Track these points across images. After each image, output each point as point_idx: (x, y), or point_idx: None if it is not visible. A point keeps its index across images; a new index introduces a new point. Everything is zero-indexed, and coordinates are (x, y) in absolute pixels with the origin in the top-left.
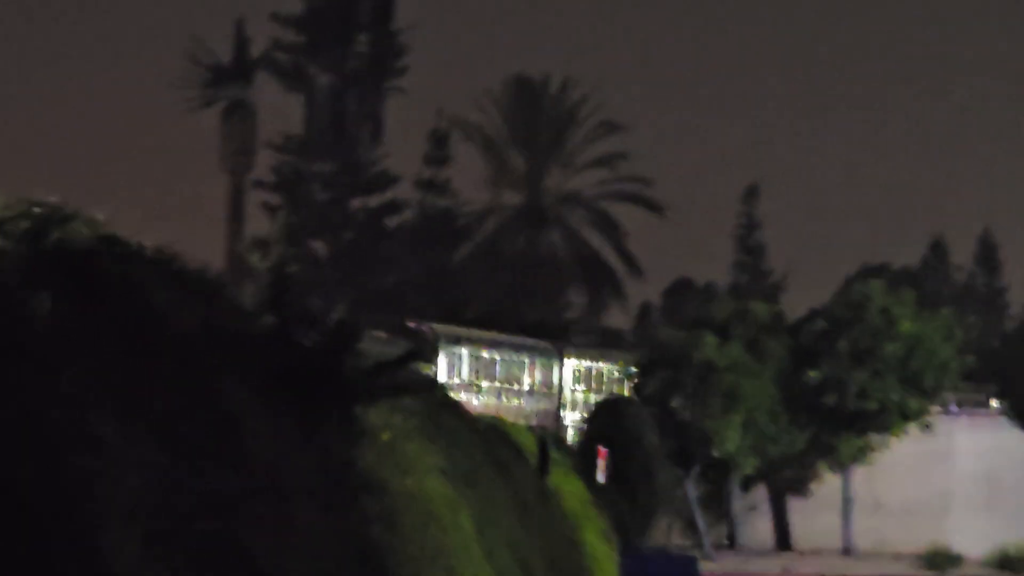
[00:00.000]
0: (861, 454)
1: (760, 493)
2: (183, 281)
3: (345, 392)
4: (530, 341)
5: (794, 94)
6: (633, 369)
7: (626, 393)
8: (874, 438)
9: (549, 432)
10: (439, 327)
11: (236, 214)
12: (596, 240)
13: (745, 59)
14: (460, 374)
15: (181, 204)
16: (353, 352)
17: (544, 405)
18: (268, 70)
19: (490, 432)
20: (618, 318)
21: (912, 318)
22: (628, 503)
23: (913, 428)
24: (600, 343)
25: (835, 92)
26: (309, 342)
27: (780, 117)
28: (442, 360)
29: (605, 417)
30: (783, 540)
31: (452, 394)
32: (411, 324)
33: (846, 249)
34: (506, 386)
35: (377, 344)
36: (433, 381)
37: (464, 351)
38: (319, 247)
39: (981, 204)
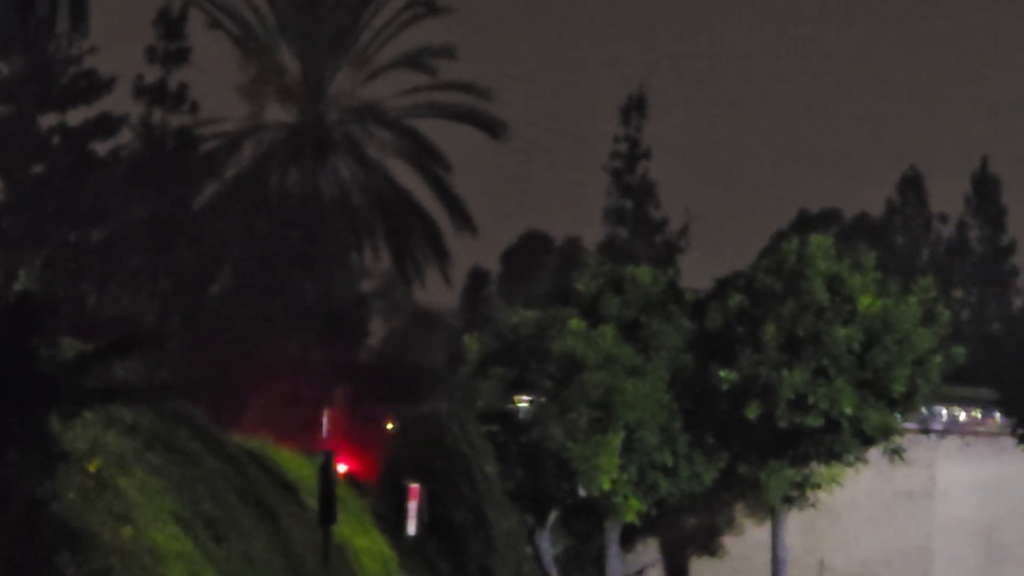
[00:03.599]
0: (798, 494)
1: (649, 551)
2: None
3: (33, 396)
4: None
5: None
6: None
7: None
8: (817, 470)
9: (335, 460)
10: None
11: None
12: (406, 176)
13: None
14: None
15: None
16: (46, 338)
17: None
18: None
19: (249, 461)
20: (438, 291)
21: (874, 290)
22: (452, 564)
23: (875, 455)
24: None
25: None
26: None
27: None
28: None
29: (418, 438)
30: None
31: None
32: None
33: (774, 191)
34: None
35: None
36: (166, 385)
37: None
38: None
39: (975, 124)
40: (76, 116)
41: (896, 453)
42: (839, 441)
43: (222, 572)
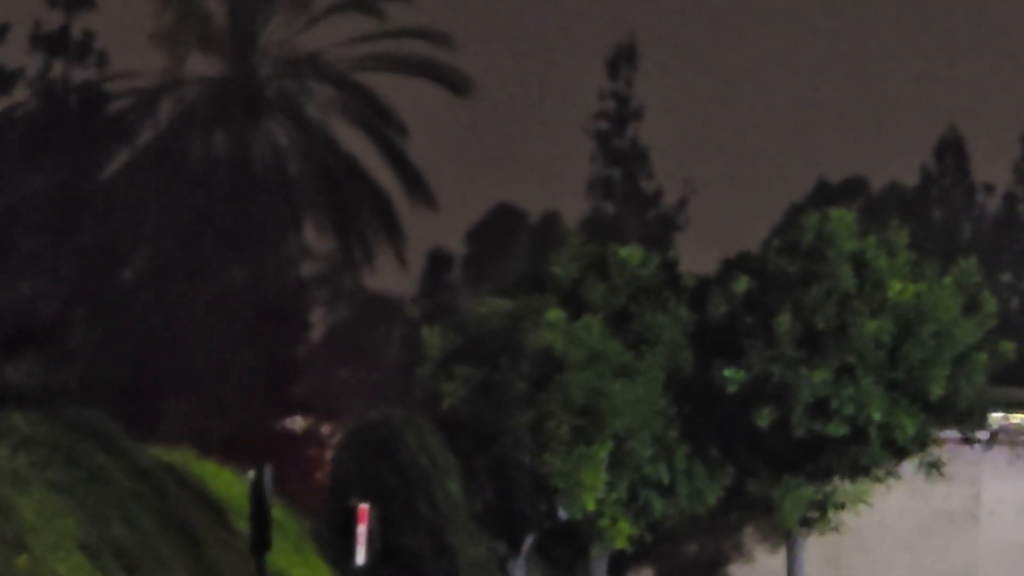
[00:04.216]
0: (818, 515)
1: None
2: None
3: None
4: None
5: None
6: None
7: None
8: (841, 487)
9: (271, 476)
10: None
11: None
12: (353, 140)
13: None
14: None
15: None
16: None
17: None
18: None
19: (168, 478)
20: (392, 276)
21: (907, 274)
22: None
23: (909, 469)
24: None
25: None
26: None
27: None
28: None
29: (367, 450)
30: None
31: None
32: None
33: (789, 158)
34: None
35: None
36: (68, 388)
37: None
38: None
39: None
40: None
41: (934, 467)
42: (866, 453)
43: None
